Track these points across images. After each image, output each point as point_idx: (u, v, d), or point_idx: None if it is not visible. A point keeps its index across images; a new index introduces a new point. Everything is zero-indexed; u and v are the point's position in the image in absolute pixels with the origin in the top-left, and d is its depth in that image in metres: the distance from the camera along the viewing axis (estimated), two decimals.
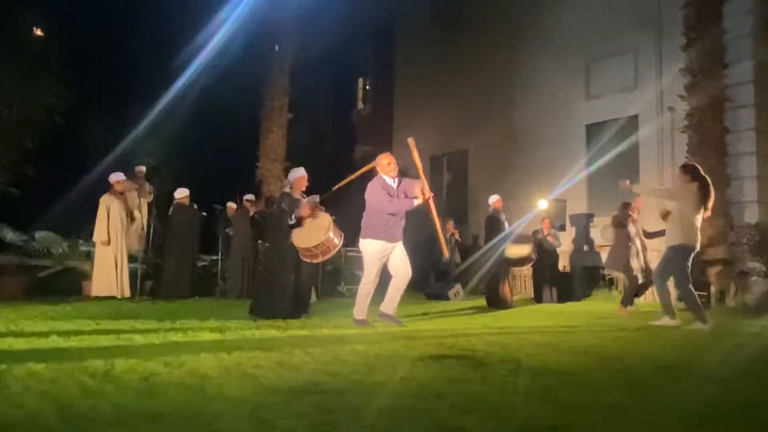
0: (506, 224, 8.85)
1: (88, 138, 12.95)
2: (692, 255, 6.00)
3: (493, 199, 8.92)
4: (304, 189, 6.60)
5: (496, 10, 14.24)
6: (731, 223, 9.36)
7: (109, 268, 8.37)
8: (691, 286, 6.00)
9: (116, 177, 8.82)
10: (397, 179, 5.84)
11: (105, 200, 8.59)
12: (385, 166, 5.81)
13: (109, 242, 8.42)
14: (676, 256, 6.00)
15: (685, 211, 5.98)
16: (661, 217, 6.32)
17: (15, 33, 11.92)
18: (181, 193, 9.50)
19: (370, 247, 5.65)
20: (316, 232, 6.09)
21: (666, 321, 6.24)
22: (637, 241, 7.79)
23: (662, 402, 2.86)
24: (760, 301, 8.36)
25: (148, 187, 10.75)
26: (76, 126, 13.01)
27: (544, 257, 10.00)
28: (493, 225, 8.75)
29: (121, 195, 8.75)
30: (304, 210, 6.16)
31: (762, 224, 9.36)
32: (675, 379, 3.45)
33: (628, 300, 7.68)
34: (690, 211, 5.98)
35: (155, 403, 2.58)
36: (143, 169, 10.90)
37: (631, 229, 7.80)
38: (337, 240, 6.14)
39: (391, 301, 5.78)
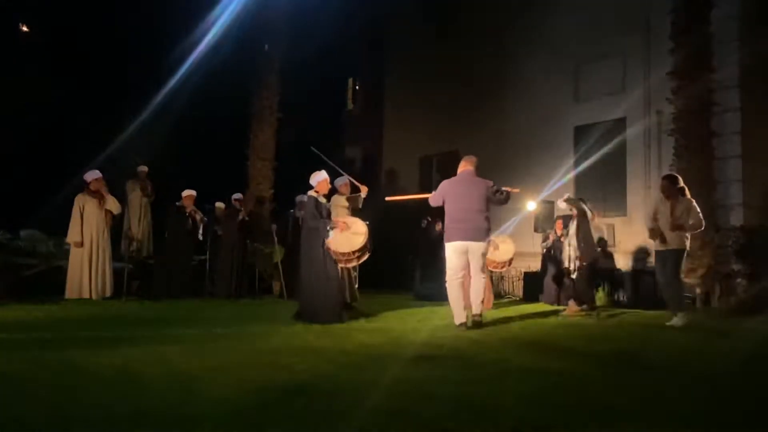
0: None
1: (77, 136, 12.81)
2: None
3: None
4: (326, 192, 6.61)
5: (487, 11, 14.28)
6: (717, 226, 9.45)
7: (80, 269, 8.14)
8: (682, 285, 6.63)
9: (92, 175, 8.47)
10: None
11: (79, 200, 8.31)
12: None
13: (82, 243, 8.17)
14: (678, 258, 6.53)
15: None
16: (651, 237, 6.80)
17: (2, 30, 11.79)
18: (185, 193, 9.53)
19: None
20: (354, 237, 6.23)
21: (677, 320, 6.40)
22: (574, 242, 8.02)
23: (650, 402, 2.89)
24: (745, 303, 8.44)
25: (150, 186, 10.68)
26: (64, 124, 12.88)
27: (555, 258, 9.97)
28: None
29: (96, 194, 8.42)
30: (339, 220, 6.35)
31: (747, 227, 9.45)
32: (662, 379, 3.48)
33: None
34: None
35: (143, 403, 2.57)
36: (145, 168, 10.81)
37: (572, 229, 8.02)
38: (370, 244, 6.29)
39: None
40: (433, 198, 6.18)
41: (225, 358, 3.64)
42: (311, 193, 6.48)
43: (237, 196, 10.16)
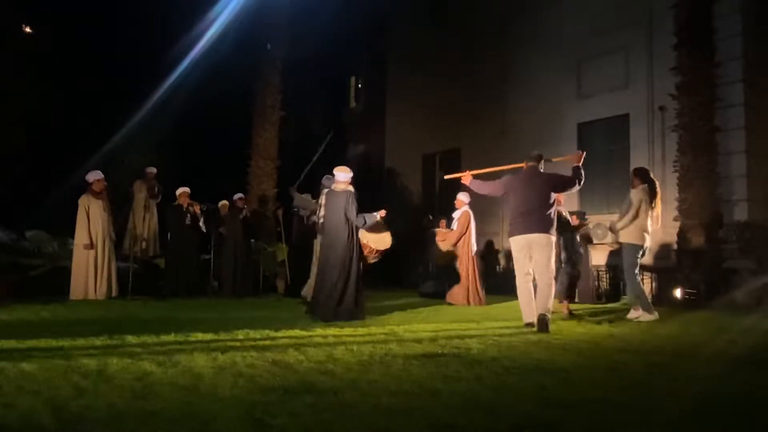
0: (454, 223, 9.09)
1: (79, 136, 12.86)
2: (641, 251, 6.65)
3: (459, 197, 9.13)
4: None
5: (489, 9, 14.27)
6: (721, 221, 9.43)
7: (85, 270, 8.14)
8: (637, 278, 6.68)
9: (94, 176, 8.46)
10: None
11: (83, 201, 8.29)
12: None
13: (92, 245, 8.19)
14: (627, 250, 6.65)
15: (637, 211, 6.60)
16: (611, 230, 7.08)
17: (4, 30, 11.82)
18: (178, 192, 9.56)
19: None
20: (386, 236, 6.44)
21: (636, 314, 6.64)
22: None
23: (654, 399, 2.89)
24: (749, 298, 8.43)
25: (157, 187, 10.71)
26: (66, 124, 12.93)
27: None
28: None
29: (99, 194, 8.42)
30: (382, 212, 6.46)
31: (751, 222, 9.44)
32: (666, 376, 3.48)
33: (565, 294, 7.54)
34: (641, 211, 6.59)
35: (149, 403, 2.58)
36: (154, 170, 10.84)
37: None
38: None
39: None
40: (493, 186, 6.17)
41: (230, 357, 3.66)
42: (349, 188, 6.41)
43: (240, 195, 10.18)
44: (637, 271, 6.72)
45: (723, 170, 9.61)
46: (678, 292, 8.88)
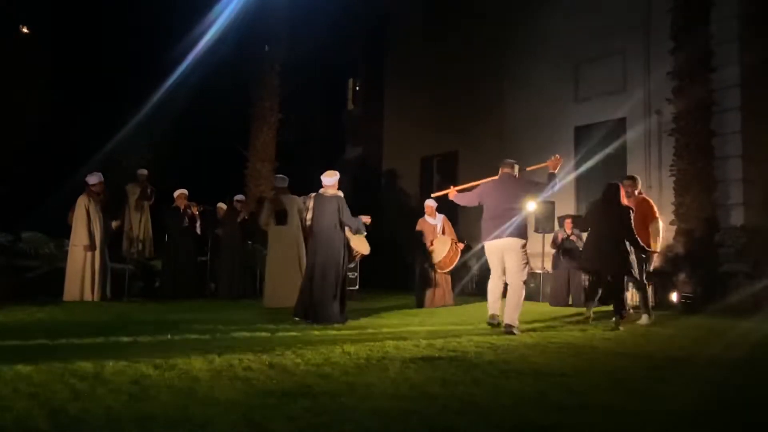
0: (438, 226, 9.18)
1: (77, 137, 12.83)
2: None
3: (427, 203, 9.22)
4: None
5: (486, 12, 14.29)
6: (717, 226, 9.46)
7: (80, 272, 8.11)
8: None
9: (95, 178, 8.49)
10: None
11: (83, 201, 8.28)
12: None
13: (93, 246, 8.17)
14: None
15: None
16: None
17: (3, 30, 11.81)
18: (176, 193, 9.56)
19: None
20: (363, 239, 7.02)
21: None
22: None
23: (651, 403, 2.89)
24: (745, 303, 8.44)
25: (150, 189, 10.69)
26: (64, 125, 12.90)
27: (565, 258, 9.81)
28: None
29: (98, 196, 8.44)
30: (367, 218, 6.76)
31: (747, 226, 9.46)
32: (664, 379, 3.49)
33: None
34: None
35: (146, 405, 2.58)
36: (145, 172, 10.82)
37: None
38: None
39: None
40: (470, 196, 6.28)
41: (227, 360, 3.65)
42: (338, 192, 6.48)
43: (238, 197, 10.17)
44: None
45: (719, 174, 9.63)
46: (674, 296, 8.90)
